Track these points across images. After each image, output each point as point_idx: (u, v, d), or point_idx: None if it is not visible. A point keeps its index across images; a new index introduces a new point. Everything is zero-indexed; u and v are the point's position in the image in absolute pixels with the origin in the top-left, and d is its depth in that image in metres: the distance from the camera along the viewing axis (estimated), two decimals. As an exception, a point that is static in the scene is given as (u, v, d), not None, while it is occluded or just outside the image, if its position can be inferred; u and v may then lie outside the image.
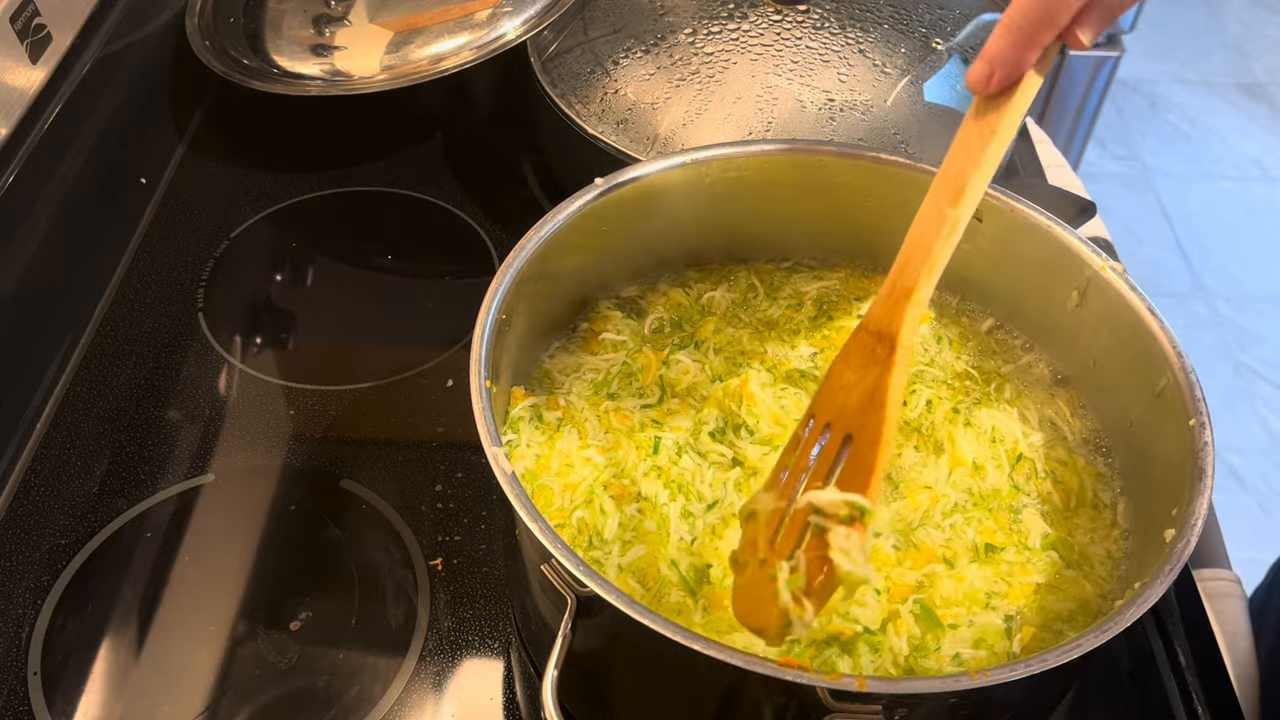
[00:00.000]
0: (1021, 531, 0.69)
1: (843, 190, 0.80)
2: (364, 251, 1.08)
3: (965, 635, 0.63)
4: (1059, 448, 0.74)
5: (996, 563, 0.67)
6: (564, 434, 0.72)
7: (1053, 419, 0.76)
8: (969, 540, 0.68)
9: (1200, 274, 2.70)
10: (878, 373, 0.60)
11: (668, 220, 0.80)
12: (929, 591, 0.65)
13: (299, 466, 0.88)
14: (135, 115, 1.10)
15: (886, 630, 0.62)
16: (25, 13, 0.91)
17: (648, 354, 0.77)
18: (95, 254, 1.03)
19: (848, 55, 0.97)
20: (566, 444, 0.71)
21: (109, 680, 0.75)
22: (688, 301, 0.83)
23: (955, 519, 0.69)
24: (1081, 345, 0.76)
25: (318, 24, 1.13)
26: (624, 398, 0.75)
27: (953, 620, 0.64)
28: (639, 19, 1.02)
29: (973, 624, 0.64)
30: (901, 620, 0.63)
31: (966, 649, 0.62)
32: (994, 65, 0.58)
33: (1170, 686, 0.77)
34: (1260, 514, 2.21)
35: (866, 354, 0.61)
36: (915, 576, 0.66)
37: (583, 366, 0.78)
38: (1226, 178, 2.98)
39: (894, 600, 0.64)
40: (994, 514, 0.70)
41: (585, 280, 0.81)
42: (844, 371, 0.62)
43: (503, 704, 0.75)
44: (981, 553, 0.68)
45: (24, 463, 0.88)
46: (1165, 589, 0.55)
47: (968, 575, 0.66)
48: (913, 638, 0.62)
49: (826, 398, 0.62)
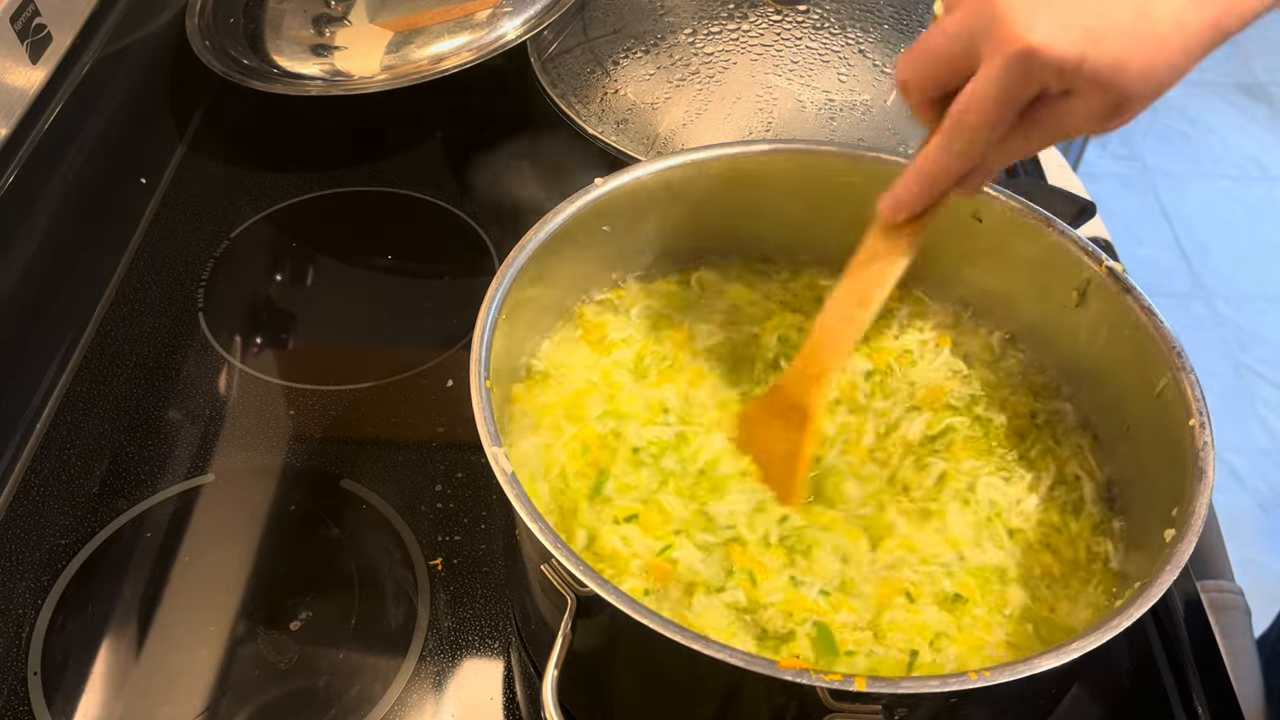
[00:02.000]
0: (1001, 597, 0.66)
1: (842, 190, 0.80)
2: (364, 251, 1.08)
3: (860, 664, 0.62)
4: (1057, 511, 0.71)
5: (960, 613, 0.65)
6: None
7: (1076, 473, 0.73)
8: (942, 588, 0.66)
9: (1200, 274, 2.70)
10: (794, 438, 0.70)
11: (668, 220, 0.80)
12: (881, 612, 0.64)
13: (299, 466, 0.88)
14: (135, 115, 1.10)
15: (778, 650, 0.62)
16: (25, 13, 0.91)
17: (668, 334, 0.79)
18: (95, 254, 1.03)
19: (848, 55, 0.97)
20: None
21: (109, 680, 0.75)
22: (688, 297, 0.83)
23: (933, 568, 0.67)
24: (1081, 345, 0.75)
25: (318, 24, 1.13)
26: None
27: (850, 648, 0.62)
28: (639, 19, 1.02)
29: (871, 654, 0.62)
30: (795, 642, 0.62)
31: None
32: (900, 203, 0.64)
33: (1170, 686, 0.77)
34: (1260, 514, 2.21)
35: (783, 415, 0.70)
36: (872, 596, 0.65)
37: (586, 365, 0.78)
38: (1226, 177, 2.98)
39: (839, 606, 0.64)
40: (976, 575, 0.67)
41: (586, 280, 0.81)
42: (762, 420, 0.72)
43: (503, 704, 0.75)
44: (948, 600, 0.65)
45: (24, 463, 0.88)
46: (1165, 589, 0.55)
47: (923, 612, 0.64)
48: (805, 659, 0.61)
49: (747, 436, 0.73)
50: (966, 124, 0.57)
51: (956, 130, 0.58)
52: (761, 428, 0.72)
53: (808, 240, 0.85)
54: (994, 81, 0.54)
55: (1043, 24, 0.52)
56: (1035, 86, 0.54)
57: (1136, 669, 0.77)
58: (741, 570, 0.65)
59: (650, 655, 0.59)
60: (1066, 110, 0.55)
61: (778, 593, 0.64)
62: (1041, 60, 0.52)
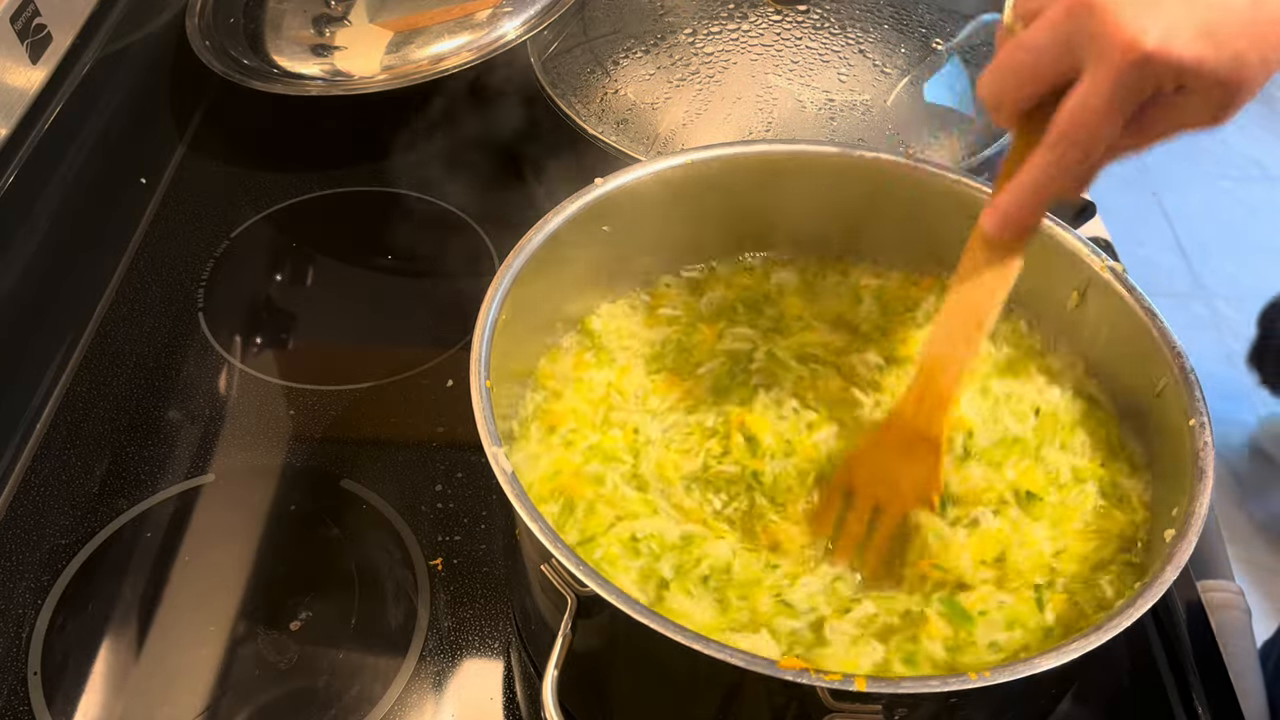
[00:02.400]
0: (1050, 472, 0.69)
1: (842, 191, 0.80)
2: (364, 251, 1.08)
3: (997, 619, 0.62)
4: (1083, 402, 0.73)
5: (1040, 513, 0.68)
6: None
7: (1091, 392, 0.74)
8: (1009, 482, 0.68)
9: (1200, 274, 2.70)
10: (923, 471, 0.66)
11: (668, 220, 0.80)
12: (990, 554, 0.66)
13: (299, 466, 0.88)
14: (135, 115, 1.10)
15: (919, 639, 0.61)
16: (25, 13, 0.91)
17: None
18: (95, 254, 1.03)
19: (848, 55, 0.97)
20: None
21: (109, 680, 0.75)
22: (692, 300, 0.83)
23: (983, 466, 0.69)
24: (1081, 345, 0.75)
25: (318, 24, 1.13)
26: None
27: (981, 608, 0.63)
28: (639, 19, 1.02)
29: (1002, 606, 0.63)
30: (930, 623, 0.62)
31: (1000, 633, 0.61)
32: (1008, 219, 0.60)
33: (1170, 686, 0.77)
34: (1260, 513, 2.21)
35: (907, 449, 0.67)
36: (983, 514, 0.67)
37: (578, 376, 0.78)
38: (1226, 178, 2.98)
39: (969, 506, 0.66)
40: (1022, 458, 0.70)
41: (585, 280, 0.81)
42: (882, 458, 0.67)
43: (503, 704, 0.75)
44: (1024, 500, 0.68)
45: (24, 463, 0.88)
46: (1165, 589, 0.55)
47: (1033, 534, 0.66)
48: (946, 639, 0.61)
49: (866, 478, 0.68)
50: (1077, 139, 0.53)
51: (1066, 144, 0.54)
52: (882, 466, 0.67)
53: (809, 240, 0.85)
54: (1104, 93, 0.51)
55: (1156, 25, 0.48)
56: (1149, 92, 0.51)
57: (1136, 669, 0.77)
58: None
59: (650, 655, 0.59)
60: (1180, 109, 0.52)
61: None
62: (1159, 66, 0.49)
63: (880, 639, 0.61)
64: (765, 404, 0.73)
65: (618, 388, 0.75)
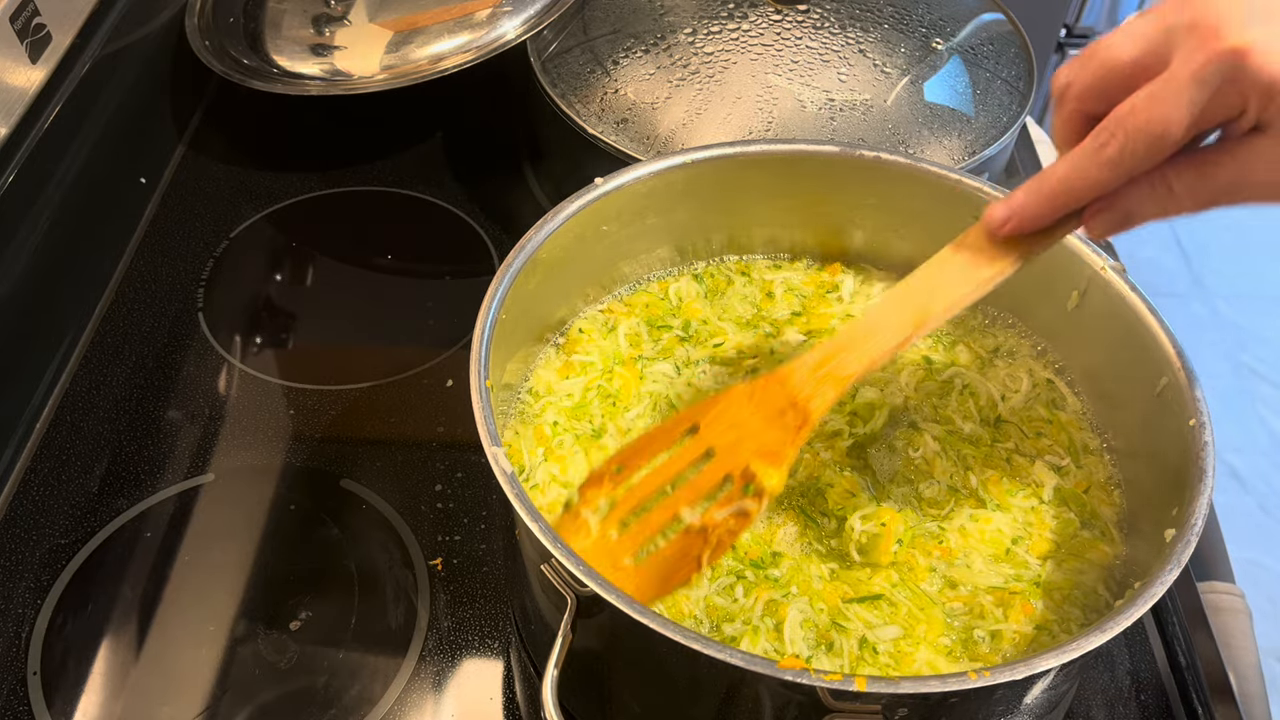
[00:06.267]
0: (1035, 483, 0.71)
1: (842, 190, 0.80)
2: (364, 251, 1.08)
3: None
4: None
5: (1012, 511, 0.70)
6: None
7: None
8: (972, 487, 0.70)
9: (1200, 274, 2.70)
10: (780, 438, 0.60)
11: (668, 220, 0.80)
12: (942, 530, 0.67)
13: (299, 466, 0.88)
14: (135, 115, 1.10)
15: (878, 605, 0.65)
16: (25, 12, 0.91)
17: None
18: (95, 254, 1.03)
19: (848, 55, 0.97)
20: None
21: (109, 680, 0.75)
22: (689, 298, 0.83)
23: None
24: (1081, 345, 0.75)
25: (318, 24, 1.13)
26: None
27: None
28: (639, 19, 1.02)
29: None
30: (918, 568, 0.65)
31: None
32: (1013, 211, 0.56)
33: (1170, 687, 0.77)
34: (1260, 514, 2.21)
35: (774, 411, 0.61)
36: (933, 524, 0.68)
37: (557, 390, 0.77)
38: (1227, 178, 2.98)
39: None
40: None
41: (585, 279, 0.81)
42: (744, 411, 0.62)
43: (503, 704, 0.75)
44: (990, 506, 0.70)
45: (24, 462, 0.88)
46: (1165, 589, 0.55)
47: (993, 518, 0.67)
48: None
49: (717, 426, 0.62)
50: (1130, 125, 0.49)
51: (1115, 129, 0.49)
52: (743, 414, 0.62)
53: (809, 240, 0.85)
54: (1180, 81, 0.46)
55: (1263, 32, 0.44)
56: (1228, 104, 0.47)
57: (1136, 669, 0.77)
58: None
59: (650, 655, 0.59)
60: (1246, 156, 0.48)
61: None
62: (1251, 69, 0.45)
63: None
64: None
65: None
